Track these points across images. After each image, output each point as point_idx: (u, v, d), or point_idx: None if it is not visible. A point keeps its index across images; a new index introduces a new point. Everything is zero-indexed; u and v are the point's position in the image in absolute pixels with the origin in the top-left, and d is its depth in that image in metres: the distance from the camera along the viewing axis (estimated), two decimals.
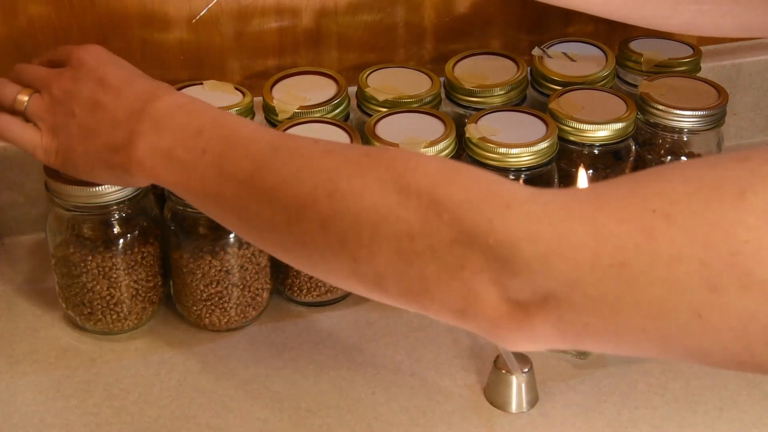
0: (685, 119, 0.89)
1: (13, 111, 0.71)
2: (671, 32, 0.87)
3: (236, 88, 0.87)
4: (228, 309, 0.82)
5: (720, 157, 0.49)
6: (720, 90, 0.91)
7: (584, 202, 0.50)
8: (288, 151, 0.59)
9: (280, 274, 0.85)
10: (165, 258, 0.83)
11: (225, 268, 0.80)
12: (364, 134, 0.82)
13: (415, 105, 0.88)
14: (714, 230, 0.46)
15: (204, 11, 0.85)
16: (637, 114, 0.89)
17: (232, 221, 0.63)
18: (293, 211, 0.57)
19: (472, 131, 0.83)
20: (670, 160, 0.91)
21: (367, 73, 0.92)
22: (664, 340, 0.48)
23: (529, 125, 0.85)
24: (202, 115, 0.65)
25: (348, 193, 0.55)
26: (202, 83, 0.87)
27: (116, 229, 0.79)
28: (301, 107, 0.85)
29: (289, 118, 0.85)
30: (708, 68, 1.01)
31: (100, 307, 0.81)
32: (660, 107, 0.89)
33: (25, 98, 0.71)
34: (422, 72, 0.93)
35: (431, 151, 0.80)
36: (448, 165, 0.56)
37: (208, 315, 0.82)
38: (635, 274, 0.47)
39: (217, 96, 0.85)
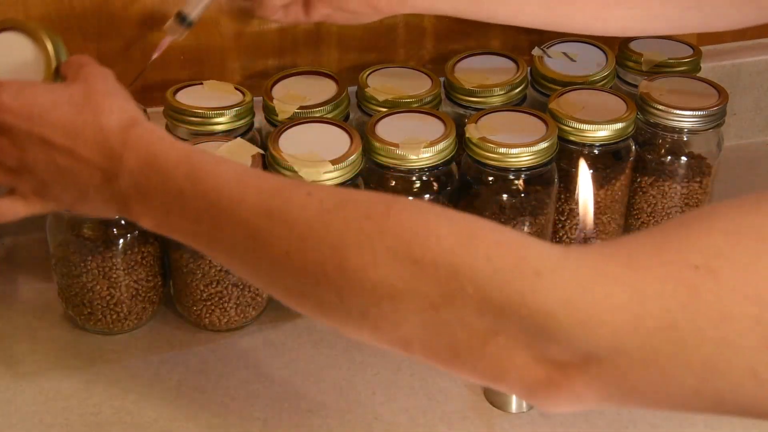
0: (685, 119, 0.89)
1: None
2: (607, 36, 0.88)
3: (236, 88, 0.87)
4: (228, 309, 0.82)
5: (755, 200, 0.47)
6: (720, 90, 0.91)
7: (617, 260, 0.48)
8: (281, 215, 0.55)
9: None
10: (165, 258, 0.83)
11: (225, 268, 0.80)
12: (364, 134, 0.82)
13: (415, 105, 0.88)
14: (763, 283, 0.44)
15: (156, 54, 0.84)
16: (637, 114, 0.89)
17: (246, 278, 0.61)
18: (304, 280, 0.54)
19: (472, 131, 0.83)
20: (670, 160, 0.91)
21: (367, 73, 0.92)
22: (718, 400, 0.47)
23: (529, 125, 0.84)
24: (173, 171, 0.60)
25: (359, 268, 0.51)
26: (202, 83, 0.87)
27: (116, 229, 0.79)
28: (301, 107, 0.85)
29: (289, 118, 0.85)
30: (708, 68, 1.01)
31: (100, 307, 0.81)
32: (660, 107, 0.89)
33: None
34: (422, 72, 0.93)
35: (431, 151, 0.80)
36: (462, 227, 0.52)
37: (208, 315, 0.82)
38: (684, 336, 0.45)
39: (217, 96, 0.85)
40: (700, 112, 0.88)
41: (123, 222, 0.79)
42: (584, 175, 0.77)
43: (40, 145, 0.63)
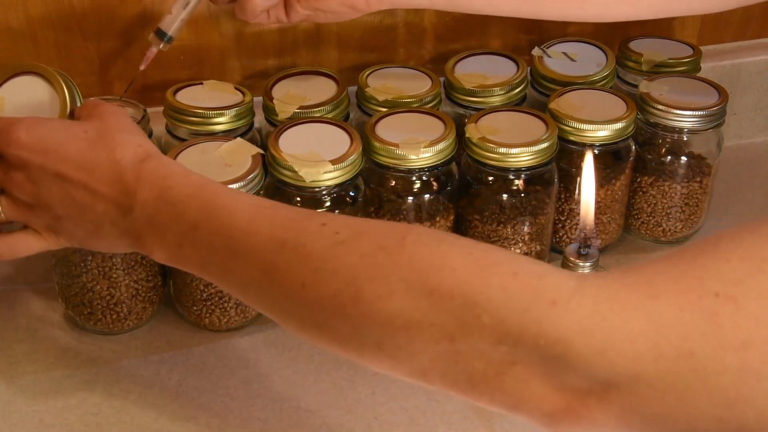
0: (685, 119, 0.89)
1: None
2: (584, 22, 0.87)
3: (236, 88, 0.87)
4: (228, 309, 0.82)
5: None
6: (720, 90, 0.91)
7: (635, 288, 0.48)
8: (295, 248, 0.55)
9: None
10: None
11: None
12: (364, 134, 0.82)
13: (415, 105, 0.88)
14: None
15: (143, 66, 0.84)
16: (637, 114, 0.89)
17: (262, 310, 0.61)
18: (320, 313, 0.54)
19: (472, 131, 0.83)
20: (670, 160, 0.91)
21: (367, 73, 0.92)
22: (741, 426, 0.46)
23: (529, 125, 0.85)
24: (187, 204, 0.60)
25: (374, 300, 0.51)
26: (202, 83, 0.87)
27: None
28: (301, 107, 0.85)
29: (289, 118, 0.85)
30: (708, 68, 1.01)
31: (100, 307, 0.81)
32: (660, 107, 0.89)
33: None
34: (422, 72, 0.93)
35: (431, 151, 0.80)
36: (477, 257, 0.52)
37: (208, 315, 0.82)
38: (705, 364, 0.45)
39: (217, 96, 0.85)
40: (700, 112, 0.88)
41: None
42: (588, 170, 0.77)
43: (54, 179, 0.64)
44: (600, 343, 0.47)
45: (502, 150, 0.81)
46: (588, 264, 0.77)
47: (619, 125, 0.86)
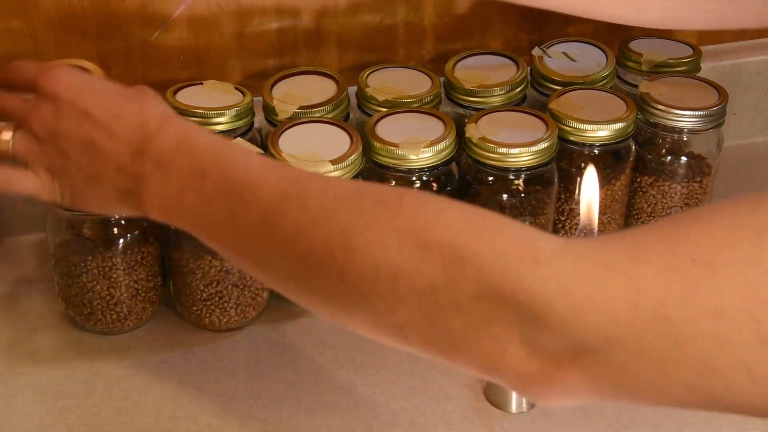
0: (685, 119, 0.89)
1: None
2: (642, 26, 0.87)
3: (236, 88, 0.87)
4: (228, 309, 0.82)
5: (759, 197, 0.47)
6: (720, 90, 0.91)
7: (617, 252, 0.48)
8: (297, 198, 0.57)
9: None
10: (165, 258, 0.83)
11: (225, 268, 0.80)
12: (364, 134, 0.82)
13: (415, 105, 0.88)
14: (760, 279, 0.44)
15: (181, 8, 0.84)
16: (637, 114, 0.89)
17: (247, 268, 0.62)
18: (309, 263, 0.55)
19: (472, 131, 0.83)
20: (670, 160, 0.91)
21: (367, 73, 0.92)
22: (711, 396, 0.47)
23: (529, 125, 0.84)
24: (202, 153, 0.61)
25: (364, 248, 0.52)
26: (202, 83, 0.87)
27: (116, 229, 0.79)
28: (301, 107, 0.85)
29: (289, 118, 0.85)
30: (708, 68, 1.01)
31: (100, 307, 0.81)
32: (660, 107, 0.89)
33: (8, 137, 0.66)
34: (422, 72, 0.93)
35: (431, 151, 0.80)
36: (469, 213, 0.53)
37: (208, 315, 0.82)
38: (679, 329, 0.45)
39: (217, 96, 0.85)
40: (700, 112, 0.88)
41: (123, 222, 0.79)
42: (590, 178, 0.77)
43: (79, 117, 0.64)
44: (578, 302, 0.47)
45: (502, 150, 0.81)
46: None
47: (619, 125, 0.86)
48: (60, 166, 0.66)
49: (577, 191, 0.88)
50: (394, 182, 0.83)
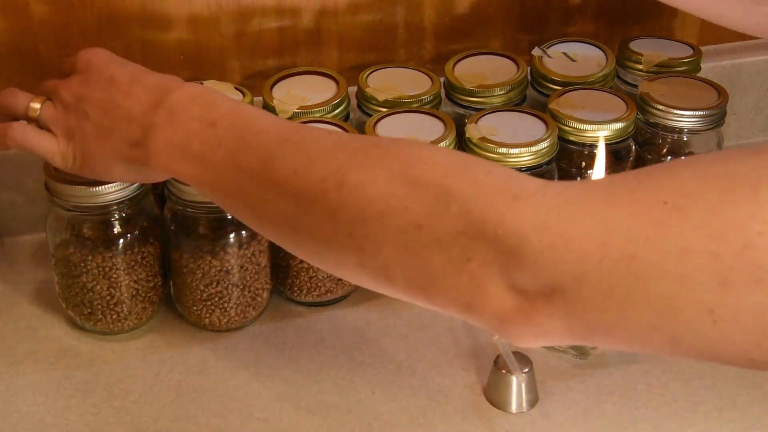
0: (685, 119, 0.89)
1: (27, 119, 0.71)
2: (745, 33, 0.86)
3: (236, 88, 0.87)
4: (228, 309, 0.82)
5: (731, 151, 0.49)
6: (720, 90, 0.91)
7: (593, 194, 0.50)
8: (299, 142, 0.59)
9: (280, 274, 0.85)
10: (165, 258, 0.83)
11: (225, 268, 0.80)
12: (364, 134, 0.82)
13: (415, 105, 0.88)
14: (726, 223, 0.45)
15: None
16: (637, 114, 0.89)
17: (245, 215, 0.64)
18: (303, 201, 0.57)
19: (472, 131, 0.83)
20: (671, 161, 0.91)
21: (367, 73, 0.92)
22: (674, 337, 0.48)
23: (529, 125, 0.85)
24: (216, 106, 0.64)
25: (357, 184, 0.55)
26: (202, 83, 0.87)
27: (116, 229, 0.79)
28: (301, 107, 0.85)
29: (289, 118, 0.85)
30: (708, 68, 1.01)
31: (100, 307, 0.81)
32: (660, 107, 0.89)
33: (38, 105, 0.71)
34: (422, 72, 0.93)
35: None
36: (459, 157, 0.56)
37: (208, 315, 0.82)
38: (645, 268, 0.46)
39: None
40: (700, 112, 0.88)
41: (123, 222, 0.79)
42: (600, 158, 0.77)
43: (104, 81, 0.68)
44: (552, 238, 0.49)
45: (502, 150, 0.81)
46: None
47: (619, 125, 0.86)
48: (77, 126, 0.69)
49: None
50: None
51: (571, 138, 0.86)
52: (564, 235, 0.49)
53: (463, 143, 0.84)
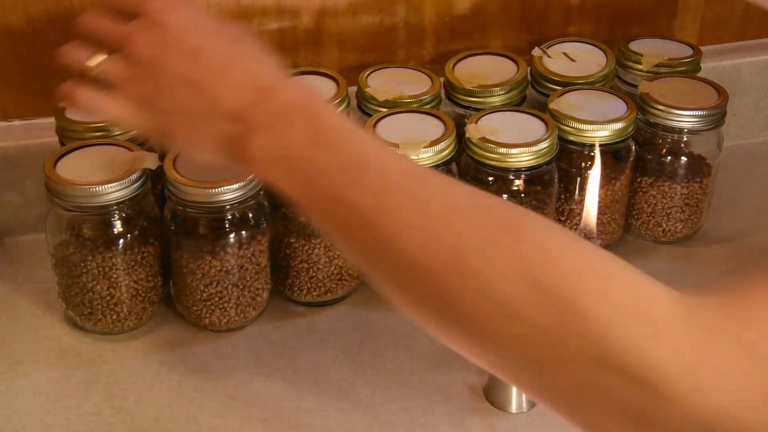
0: (685, 119, 0.89)
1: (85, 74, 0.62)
2: None
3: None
4: (228, 309, 0.82)
5: None
6: (720, 90, 0.91)
7: (728, 315, 0.43)
8: (415, 200, 0.51)
9: (280, 274, 0.85)
10: (165, 258, 0.83)
11: (225, 268, 0.80)
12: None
13: (415, 105, 0.88)
14: None
15: None
16: (637, 114, 0.89)
17: (343, 248, 0.57)
18: (411, 271, 0.50)
19: (472, 131, 0.83)
20: (670, 160, 0.91)
21: (367, 73, 0.92)
22: None
23: (529, 125, 0.85)
24: (320, 121, 0.56)
25: (474, 276, 0.47)
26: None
27: (116, 229, 0.79)
28: None
29: None
30: (708, 68, 1.01)
31: (100, 307, 0.81)
32: (660, 107, 0.89)
33: (99, 61, 0.61)
34: (422, 72, 0.93)
35: (431, 151, 0.80)
36: (591, 259, 0.47)
37: (208, 315, 0.82)
38: None
39: None
40: (700, 112, 0.88)
41: (123, 222, 0.79)
42: (594, 174, 0.77)
43: (187, 52, 0.59)
44: (695, 375, 0.41)
45: (502, 150, 0.81)
46: None
47: (619, 125, 0.86)
48: (149, 97, 0.60)
49: (577, 191, 0.88)
50: None
51: (571, 138, 0.86)
52: (710, 370, 0.42)
53: (463, 143, 0.84)
